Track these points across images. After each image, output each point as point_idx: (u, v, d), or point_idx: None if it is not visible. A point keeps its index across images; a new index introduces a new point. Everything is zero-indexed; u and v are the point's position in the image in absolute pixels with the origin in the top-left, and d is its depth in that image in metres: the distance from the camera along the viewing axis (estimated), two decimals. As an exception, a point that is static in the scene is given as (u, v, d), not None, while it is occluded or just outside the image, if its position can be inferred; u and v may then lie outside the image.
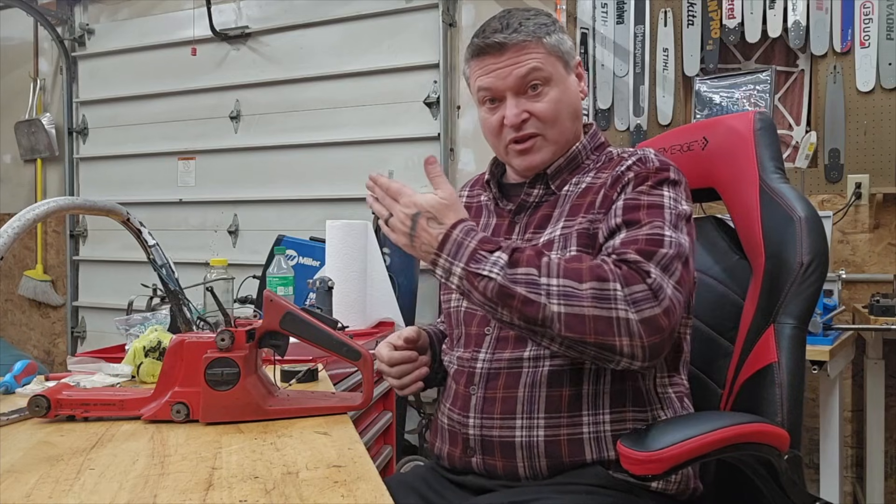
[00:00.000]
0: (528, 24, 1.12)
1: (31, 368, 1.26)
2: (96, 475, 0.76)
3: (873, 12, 2.59)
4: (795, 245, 1.12)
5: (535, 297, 0.94)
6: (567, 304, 0.93)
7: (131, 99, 3.96)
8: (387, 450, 2.21)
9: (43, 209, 1.01)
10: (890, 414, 2.49)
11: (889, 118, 2.59)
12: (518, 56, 1.11)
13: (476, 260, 0.96)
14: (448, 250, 0.97)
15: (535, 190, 1.16)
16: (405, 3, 3.30)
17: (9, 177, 4.36)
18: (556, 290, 0.94)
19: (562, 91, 1.13)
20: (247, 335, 0.99)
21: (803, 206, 1.14)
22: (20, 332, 4.35)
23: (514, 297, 0.94)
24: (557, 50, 1.13)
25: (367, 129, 3.39)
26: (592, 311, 0.93)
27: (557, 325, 0.93)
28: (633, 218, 1.03)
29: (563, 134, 1.14)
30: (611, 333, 0.93)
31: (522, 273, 0.95)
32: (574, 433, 1.04)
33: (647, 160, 1.10)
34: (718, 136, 1.28)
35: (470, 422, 1.08)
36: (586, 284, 0.94)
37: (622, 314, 0.93)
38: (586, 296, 0.93)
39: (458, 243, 0.97)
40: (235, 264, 2.74)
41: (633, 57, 2.94)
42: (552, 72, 1.12)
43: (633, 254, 0.98)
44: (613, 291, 0.94)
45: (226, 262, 1.64)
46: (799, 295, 1.11)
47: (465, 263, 0.96)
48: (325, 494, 0.69)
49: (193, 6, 3.69)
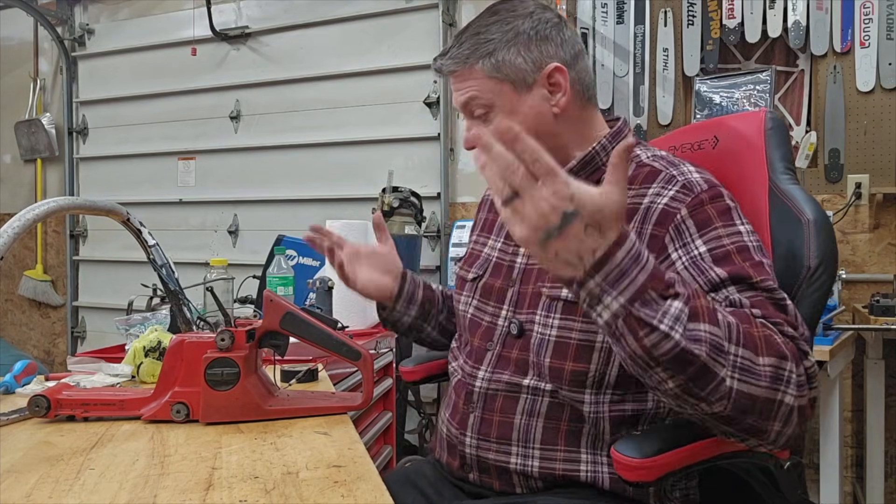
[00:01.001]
0: (464, 48, 1.03)
1: (31, 368, 1.26)
2: (96, 475, 0.76)
3: (873, 12, 2.59)
4: (803, 248, 1.09)
5: (715, 366, 0.76)
6: (744, 380, 0.78)
7: (131, 99, 3.96)
8: (387, 450, 2.21)
9: (43, 209, 1.01)
10: (890, 414, 2.49)
11: (889, 118, 2.59)
12: (460, 82, 1.05)
13: (644, 302, 0.73)
14: (606, 275, 0.72)
15: None
16: (405, 3, 3.30)
17: (9, 177, 4.36)
18: (737, 363, 0.77)
19: (508, 116, 1.02)
20: (247, 335, 0.99)
21: (812, 208, 1.12)
22: (20, 332, 4.35)
23: (691, 364, 0.75)
24: (500, 73, 1.02)
25: (367, 129, 3.39)
26: (766, 393, 0.79)
27: (726, 402, 0.78)
28: (737, 273, 0.89)
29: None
30: (770, 418, 0.81)
31: (706, 332, 0.76)
32: (570, 468, 1.00)
33: (691, 185, 0.97)
34: (728, 135, 1.25)
35: (467, 440, 1.06)
36: (765, 360, 0.80)
37: (789, 399, 0.81)
38: (765, 374, 0.79)
39: (622, 271, 0.72)
40: (235, 264, 2.74)
41: (633, 57, 2.94)
42: (493, 98, 1.03)
43: (787, 327, 0.85)
44: (788, 374, 0.81)
45: (226, 262, 1.64)
46: (806, 299, 1.08)
47: (628, 302, 0.73)
48: (325, 494, 0.69)
49: (193, 6, 3.69)
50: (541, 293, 1.04)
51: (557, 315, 1.01)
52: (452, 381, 1.15)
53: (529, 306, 1.05)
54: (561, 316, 1.01)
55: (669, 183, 0.98)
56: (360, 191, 3.33)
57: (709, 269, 0.91)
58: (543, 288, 1.04)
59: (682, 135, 1.35)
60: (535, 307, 1.04)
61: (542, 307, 1.03)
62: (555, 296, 1.02)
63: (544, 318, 1.02)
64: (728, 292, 0.89)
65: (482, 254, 1.18)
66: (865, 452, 2.42)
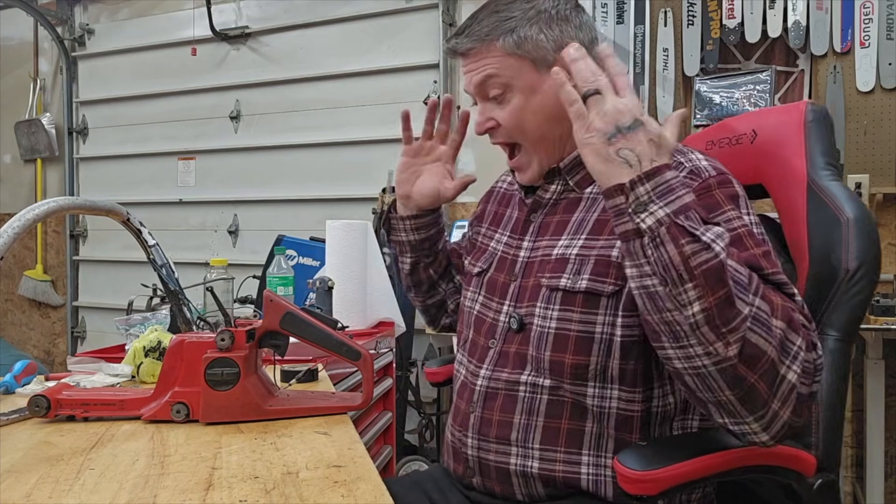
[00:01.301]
0: (484, 25, 1.01)
1: (31, 368, 1.26)
2: (96, 475, 0.76)
3: (873, 12, 2.59)
4: (841, 249, 1.02)
5: (740, 303, 0.76)
6: (755, 329, 0.77)
7: (131, 99, 3.96)
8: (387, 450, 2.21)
9: (43, 209, 1.01)
10: (890, 414, 2.49)
11: (889, 118, 2.59)
12: (476, 61, 1.03)
13: (688, 217, 0.76)
14: (657, 184, 0.77)
15: (553, 186, 1.07)
16: (405, 3, 3.30)
17: (9, 177, 4.36)
18: (754, 312, 0.77)
19: (527, 96, 1.01)
20: (247, 335, 0.99)
21: (853, 207, 1.04)
22: (20, 332, 4.35)
23: (723, 286, 0.75)
24: (521, 50, 1.00)
25: (367, 129, 3.39)
26: (773, 353, 0.78)
27: (738, 347, 0.77)
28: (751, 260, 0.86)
29: (542, 142, 1.04)
30: (769, 391, 0.79)
31: (735, 269, 0.77)
32: (571, 471, 0.97)
33: (699, 171, 0.95)
34: (767, 129, 1.19)
35: (468, 442, 1.05)
36: (777, 322, 0.79)
37: (792, 377, 0.79)
38: (776, 334, 0.78)
39: (671, 187, 0.77)
40: (235, 264, 2.74)
41: (633, 57, 2.94)
42: (512, 76, 1.01)
43: (800, 315, 0.83)
44: (797, 349, 0.80)
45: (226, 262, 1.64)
46: (844, 304, 1.01)
47: (674, 213, 0.76)
48: (325, 494, 0.69)
49: (193, 6, 3.69)
50: (540, 285, 1.02)
51: (556, 306, 1.00)
52: (456, 385, 1.15)
53: (530, 299, 1.04)
54: (560, 307, 0.99)
55: (676, 169, 0.94)
56: (360, 191, 3.33)
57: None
58: (543, 279, 1.02)
59: (720, 129, 1.30)
60: (535, 299, 1.03)
61: (541, 299, 1.02)
62: (554, 286, 1.00)
63: (543, 309, 1.01)
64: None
65: (489, 247, 1.17)
66: (865, 452, 2.42)
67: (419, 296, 1.38)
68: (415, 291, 1.37)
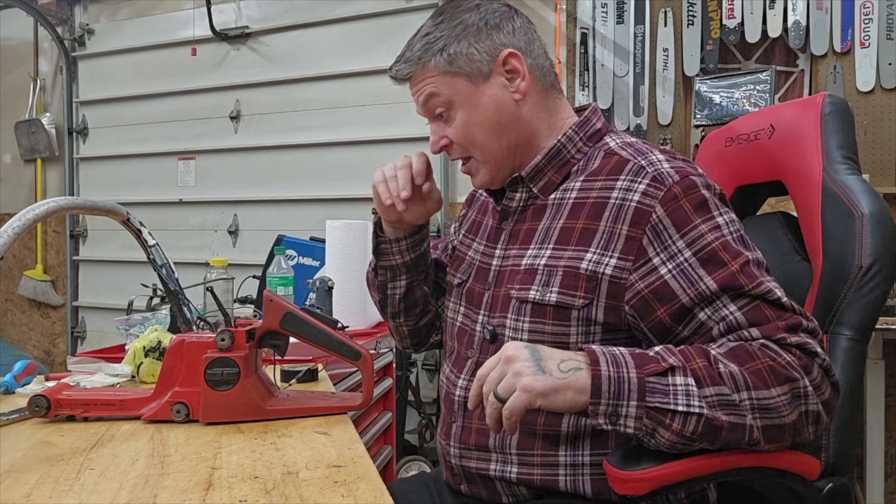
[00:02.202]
0: (416, 50, 1.03)
1: (31, 368, 1.26)
2: (96, 475, 0.76)
3: (873, 12, 2.59)
4: (855, 245, 1.00)
5: (738, 419, 0.82)
6: (766, 417, 0.83)
7: (131, 99, 3.96)
8: (387, 450, 2.21)
9: (43, 209, 1.01)
10: (890, 414, 2.49)
11: (889, 118, 2.59)
12: (415, 84, 1.06)
13: (653, 391, 0.81)
14: (605, 391, 0.81)
15: (518, 194, 1.07)
16: (405, 3, 3.30)
17: (9, 177, 4.36)
18: (753, 405, 0.82)
19: (468, 110, 1.02)
20: (247, 335, 0.99)
21: (870, 201, 1.01)
22: (20, 332, 4.35)
23: (720, 429, 0.82)
24: (454, 67, 1.01)
25: (367, 129, 3.39)
26: (790, 418, 0.83)
27: (761, 444, 0.84)
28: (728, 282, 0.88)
29: (490, 152, 1.04)
30: (803, 429, 0.85)
31: (714, 395, 0.82)
32: (548, 475, 0.97)
33: (662, 178, 0.93)
34: (785, 123, 1.16)
35: (452, 450, 1.06)
36: (777, 390, 0.83)
37: (812, 408, 0.84)
38: (783, 403, 0.83)
39: (617, 380, 0.81)
40: (235, 264, 2.74)
41: (633, 57, 2.94)
42: (450, 93, 1.02)
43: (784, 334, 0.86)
44: (805, 389, 0.84)
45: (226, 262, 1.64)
46: (856, 302, 0.99)
47: (640, 399, 0.81)
48: (325, 494, 0.69)
49: (193, 6, 3.69)
50: (510, 296, 1.01)
51: (527, 318, 0.99)
52: (441, 395, 1.14)
53: (501, 310, 1.03)
54: (531, 319, 0.98)
55: (638, 175, 0.95)
56: (360, 191, 3.33)
57: (698, 280, 0.89)
58: (512, 290, 1.01)
59: (739, 125, 1.27)
60: (506, 311, 1.02)
61: (511, 310, 1.01)
62: (523, 298, 0.99)
63: (514, 321, 1.00)
64: (723, 307, 0.88)
65: (467, 256, 1.16)
66: (865, 452, 2.42)
67: (410, 319, 1.26)
68: (405, 316, 1.26)
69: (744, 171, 1.26)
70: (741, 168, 1.26)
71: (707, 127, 2.63)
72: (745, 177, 1.27)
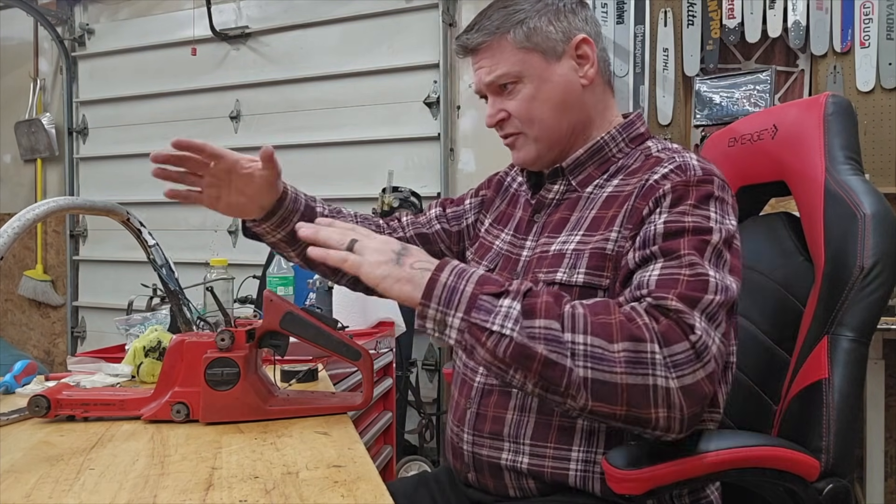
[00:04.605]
0: (493, 19, 1.03)
1: (31, 368, 1.26)
2: (96, 475, 0.76)
3: (873, 12, 2.59)
4: (857, 246, 0.99)
5: (558, 357, 0.79)
6: (596, 368, 0.79)
7: (131, 99, 3.96)
8: (387, 450, 2.21)
9: (43, 209, 1.01)
10: (890, 414, 2.49)
11: (889, 118, 2.58)
12: (485, 57, 1.05)
13: (479, 308, 0.81)
14: (439, 298, 0.83)
15: (556, 186, 1.08)
16: (405, 3, 3.30)
17: (9, 177, 4.35)
18: (583, 351, 0.80)
19: (537, 86, 1.03)
20: (247, 335, 0.99)
21: (872, 202, 1.00)
22: (20, 332, 4.35)
23: (533, 359, 0.79)
24: (530, 42, 1.02)
25: (367, 129, 3.39)
26: (626, 379, 0.79)
27: (584, 394, 0.80)
28: (672, 247, 0.87)
29: (546, 130, 1.05)
30: (646, 405, 0.79)
31: (541, 327, 0.80)
32: (559, 467, 0.96)
33: (686, 168, 0.95)
34: (787, 124, 1.16)
35: (464, 437, 1.06)
36: (618, 346, 0.79)
37: (661, 382, 0.79)
38: (619, 360, 0.79)
39: (451, 288, 0.83)
40: (235, 264, 2.74)
41: (633, 57, 2.94)
42: (522, 68, 1.03)
43: (674, 300, 0.82)
44: (651, 355, 0.79)
45: (226, 262, 1.64)
46: (858, 303, 0.97)
47: (465, 313, 0.82)
48: (325, 494, 0.69)
49: (193, 6, 3.69)
50: (538, 280, 1.02)
51: None
52: (456, 381, 1.15)
53: None
54: None
55: (667, 163, 0.97)
56: (360, 191, 3.33)
57: (651, 240, 0.90)
58: (540, 274, 1.02)
59: (743, 125, 1.27)
60: None
61: None
62: (550, 280, 1.00)
63: None
64: (650, 269, 0.88)
65: (493, 246, 1.17)
66: (865, 452, 2.42)
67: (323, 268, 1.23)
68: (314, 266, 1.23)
69: (747, 172, 1.27)
70: (744, 168, 1.27)
71: (707, 127, 2.63)
72: (748, 177, 1.27)
